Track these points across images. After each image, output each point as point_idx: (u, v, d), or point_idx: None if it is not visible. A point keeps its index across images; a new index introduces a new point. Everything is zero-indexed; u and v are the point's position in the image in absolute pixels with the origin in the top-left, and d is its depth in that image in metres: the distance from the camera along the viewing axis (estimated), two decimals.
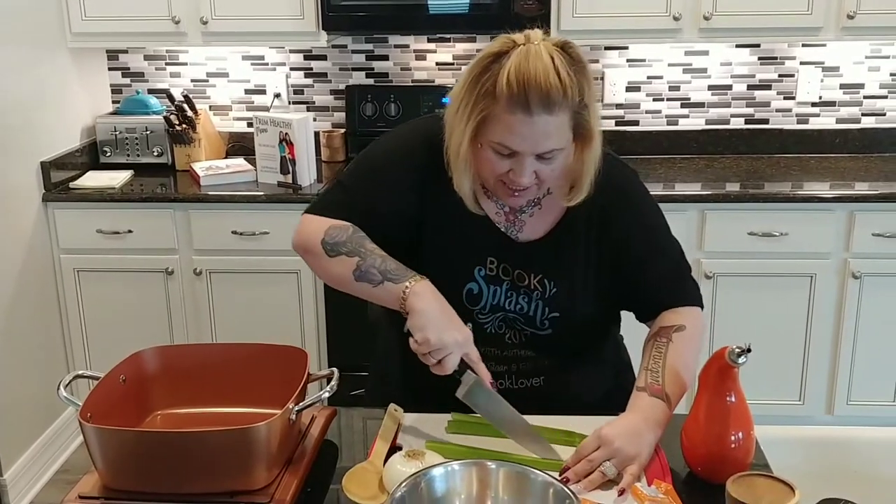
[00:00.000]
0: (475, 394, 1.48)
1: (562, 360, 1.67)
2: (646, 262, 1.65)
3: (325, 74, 3.65)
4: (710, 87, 3.58)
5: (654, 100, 3.60)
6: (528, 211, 1.63)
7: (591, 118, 1.47)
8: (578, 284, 1.63)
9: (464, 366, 1.46)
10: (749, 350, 1.36)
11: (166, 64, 3.68)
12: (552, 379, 1.68)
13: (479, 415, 1.54)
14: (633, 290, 1.66)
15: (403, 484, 1.28)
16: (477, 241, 1.62)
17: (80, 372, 1.54)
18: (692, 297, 1.69)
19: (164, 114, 3.48)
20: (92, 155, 3.49)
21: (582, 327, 1.66)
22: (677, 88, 3.58)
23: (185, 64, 3.67)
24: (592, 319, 1.67)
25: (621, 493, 1.37)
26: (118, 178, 3.31)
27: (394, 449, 1.48)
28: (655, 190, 3.17)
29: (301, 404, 1.42)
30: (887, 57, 3.49)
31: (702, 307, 1.69)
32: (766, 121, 3.60)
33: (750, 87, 3.57)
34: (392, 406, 1.59)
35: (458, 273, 1.62)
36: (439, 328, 1.43)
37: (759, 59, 3.53)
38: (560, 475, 1.39)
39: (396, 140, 1.68)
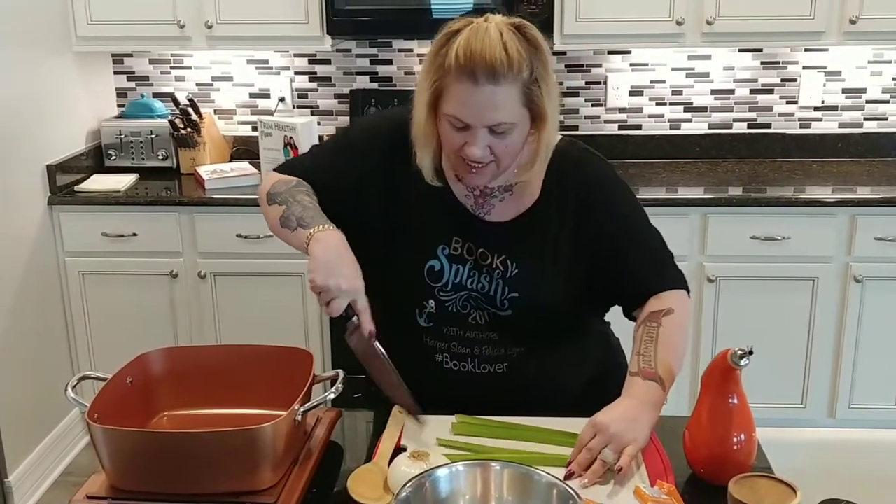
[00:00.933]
0: (354, 339, 1.54)
1: (527, 350, 1.67)
2: (627, 250, 1.66)
3: (329, 79, 3.66)
4: (713, 92, 3.59)
5: (657, 104, 3.61)
6: (499, 196, 1.65)
7: (544, 97, 1.51)
8: (546, 269, 1.64)
9: (351, 311, 1.51)
10: (751, 353, 1.37)
11: (171, 68, 3.70)
12: (516, 368, 1.67)
13: (485, 418, 1.59)
14: (615, 281, 1.67)
15: (408, 484, 1.29)
16: (442, 221, 1.65)
17: (87, 373, 1.56)
18: (676, 280, 1.69)
19: (169, 117, 3.49)
20: (97, 158, 3.51)
21: (545, 313, 1.65)
22: (680, 93, 3.60)
23: (190, 68, 3.69)
24: (557, 307, 1.65)
25: (619, 470, 1.40)
26: (123, 182, 3.32)
27: (398, 450, 1.49)
28: (658, 194, 3.18)
29: (306, 405, 1.43)
30: (889, 62, 3.50)
31: (688, 291, 1.70)
32: (768, 125, 3.61)
33: (752, 92, 3.58)
34: (396, 407, 1.61)
35: (421, 250, 1.65)
36: (327, 273, 1.48)
37: (762, 63, 3.54)
38: (566, 468, 1.42)
39: (372, 121, 1.80)
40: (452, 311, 1.65)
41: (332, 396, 1.46)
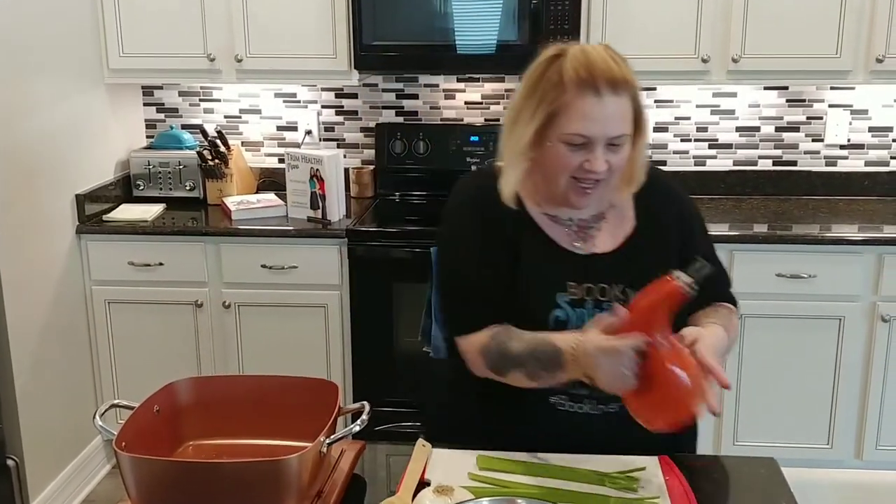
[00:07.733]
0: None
1: None
2: (713, 259, 1.70)
3: (355, 112, 3.70)
4: (738, 129, 3.59)
5: (682, 140, 3.62)
6: (595, 225, 1.68)
7: (643, 111, 1.61)
8: None
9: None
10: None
11: (200, 100, 3.75)
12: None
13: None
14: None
15: None
16: (553, 268, 1.65)
17: (116, 401, 1.57)
18: (735, 300, 1.77)
19: (198, 149, 3.54)
20: (125, 188, 3.55)
21: None
22: (705, 129, 3.60)
23: (219, 100, 3.74)
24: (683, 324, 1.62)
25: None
26: (151, 212, 3.36)
27: (422, 484, 1.49)
28: None
29: (332, 437, 1.43)
30: None
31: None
32: (794, 162, 3.60)
33: (778, 129, 3.58)
34: (420, 441, 1.60)
35: (542, 304, 1.64)
36: (610, 369, 1.42)
37: (788, 101, 3.54)
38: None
39: (454, 218, 1.73)
40: None
41: (358, 429, 1.46)
